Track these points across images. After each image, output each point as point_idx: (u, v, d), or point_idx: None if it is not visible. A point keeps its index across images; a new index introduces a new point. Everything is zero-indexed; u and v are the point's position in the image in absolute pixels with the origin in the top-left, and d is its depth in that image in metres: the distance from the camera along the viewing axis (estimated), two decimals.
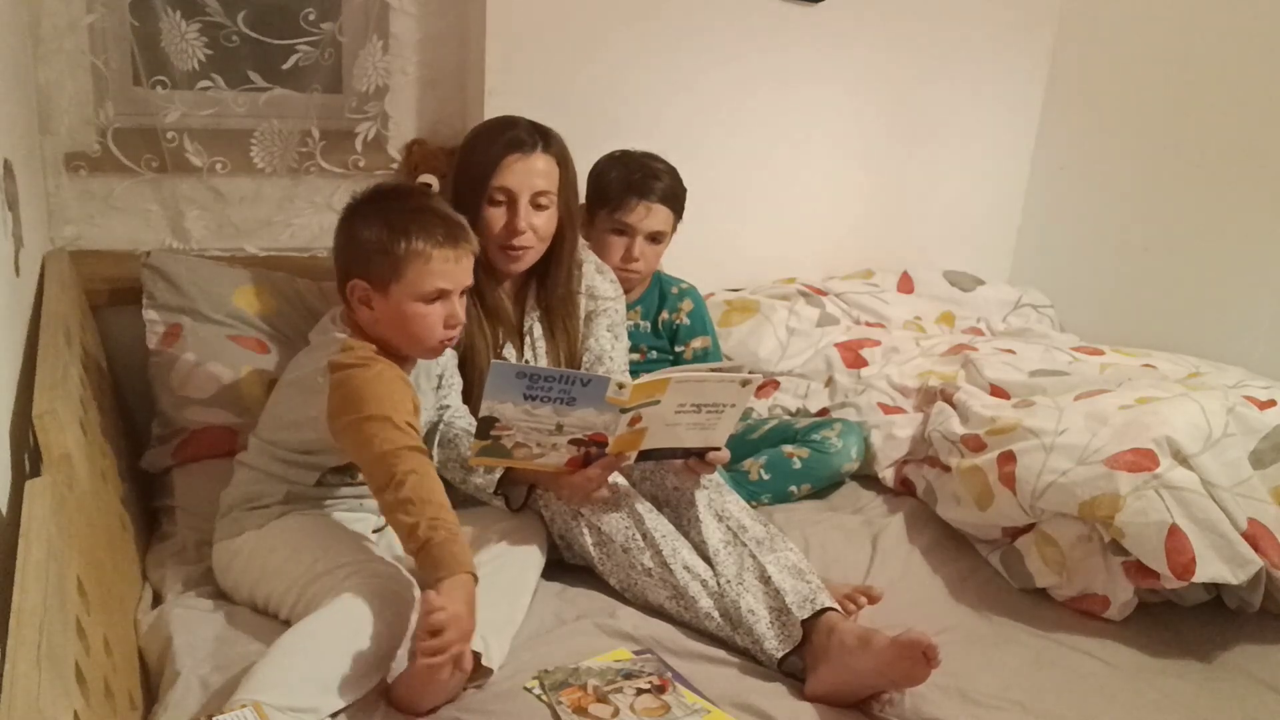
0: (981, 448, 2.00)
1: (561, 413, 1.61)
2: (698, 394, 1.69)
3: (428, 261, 1.62)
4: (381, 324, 1.67)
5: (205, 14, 2.21)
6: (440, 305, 1.65)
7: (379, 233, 1.63)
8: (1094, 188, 2.85)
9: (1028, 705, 1.56)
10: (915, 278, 2.81)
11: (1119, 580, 1.79)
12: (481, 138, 1.93)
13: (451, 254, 1.64)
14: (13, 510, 1.28)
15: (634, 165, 2.18)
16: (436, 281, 1.63)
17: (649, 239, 2.18)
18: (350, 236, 1.68)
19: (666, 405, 1.67)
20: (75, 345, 1.76)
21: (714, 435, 1.77)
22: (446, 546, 1.43)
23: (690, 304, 2.29)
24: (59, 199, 2.25)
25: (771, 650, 1.62)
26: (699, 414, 1.71)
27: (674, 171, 2.21)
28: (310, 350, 1.75)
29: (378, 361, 1.63)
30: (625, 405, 1.63)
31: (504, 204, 1.89)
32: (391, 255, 1.62)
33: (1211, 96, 2.55)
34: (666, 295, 2.29)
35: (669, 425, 1.71)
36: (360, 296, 1.66)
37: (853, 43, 2.67)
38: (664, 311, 2.28)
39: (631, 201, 2.14)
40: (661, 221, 2.17)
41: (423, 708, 1.44)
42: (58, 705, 0.97)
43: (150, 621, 1.61)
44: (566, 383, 1.59)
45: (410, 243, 1.62)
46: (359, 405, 1.56)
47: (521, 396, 1.58)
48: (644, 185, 2.15)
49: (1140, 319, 2.70)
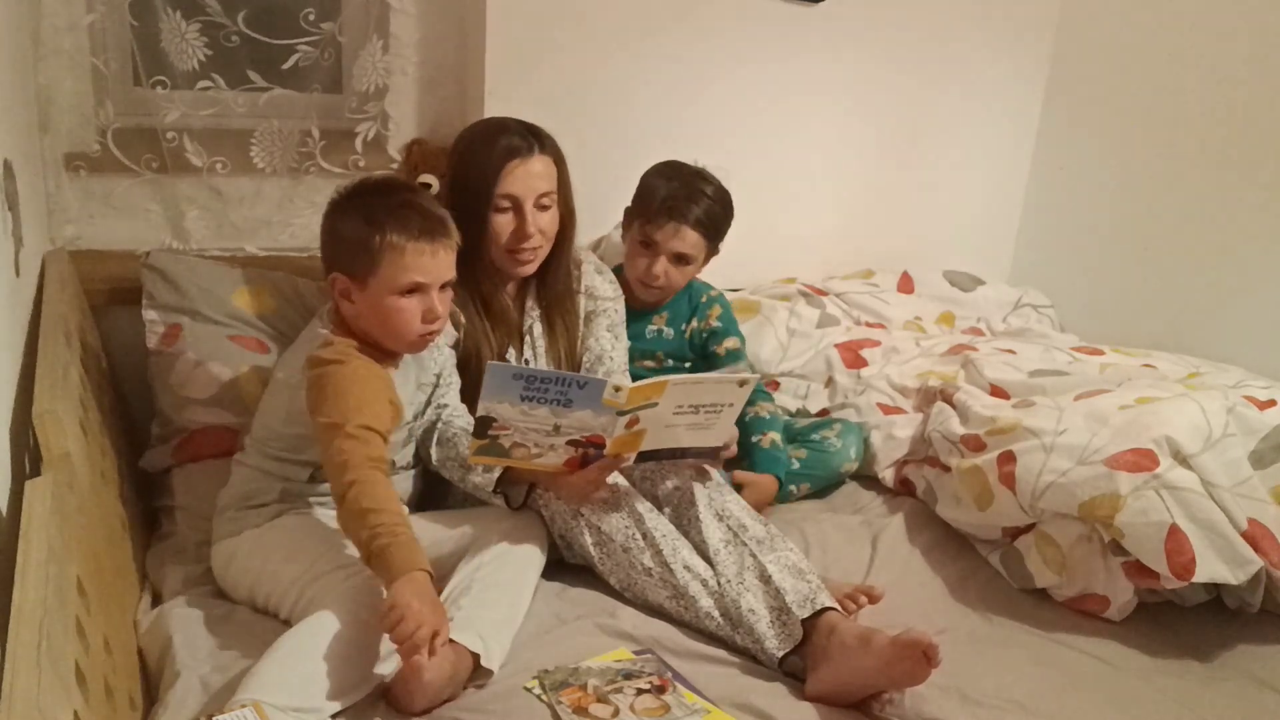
0: (981, 448, 2.00)
1: (559, 414, 1.61)
2: (696, 396, 1.69)
3: (402, 255, 1.62)
4: (362, 318, 1.68)
5: (205, 14, 2.20)
6: (418, 299, 1.65)
7: (357, 227, 1.63)
8: (1094, 188, 2.85)
9: (1028, 705, 1.56)
10: (915, 278, 2.81)
11: (1119, 580, 1.79)
12: (476, 145, 1.92)
13: (427, 247, 1.64)
14: (13, 510, 1.28)
15: (680, 183, 2.13)
16: (412, 275, 1.63)
17: (674, 259, 2.14)
18: (331, 230, 1.69)
19: (664, 408, 1.67)
20: (75, 345, 1.76)
21: (712, 435, 1.77)
22: (387, 554, 1.44)
23: (719, 309, 2.27)
24: (59, 199, 2.25)
25: (772, 650, 1.62)
26: (697, 415, 1.71)
27: (721, 196, 2.16)
28: (296, 346, 1.77)
29: (355, 359, 1.63)
30: (622, 408, 1.63)
31: (509, 210, 1.89)
32: (368, 249, 1.62)
33: (1211, 97, 2.55)
34: (697, 305, 2.26)
35: (668, 427, 1.71)
36: (341, 290, 1.67)
37: (853, 43, 2.66)
38: (694, 320, 2.25)
39: (662, 219, 2.11)
40: (691, 245, 2.13)
41: (417, 707, 1.44)
42: (58, 705, 0.97)
43: (150, 621, 1.62)
44: (563, 384, 1.59)
45: (386, 236, 1.61)
46: (322, 407, 1.58)
47: (518, 398, 1.58)
48: (680, 208, 2.11)
49: (1140, 319, 2.70)
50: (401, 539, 1.46)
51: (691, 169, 2.17)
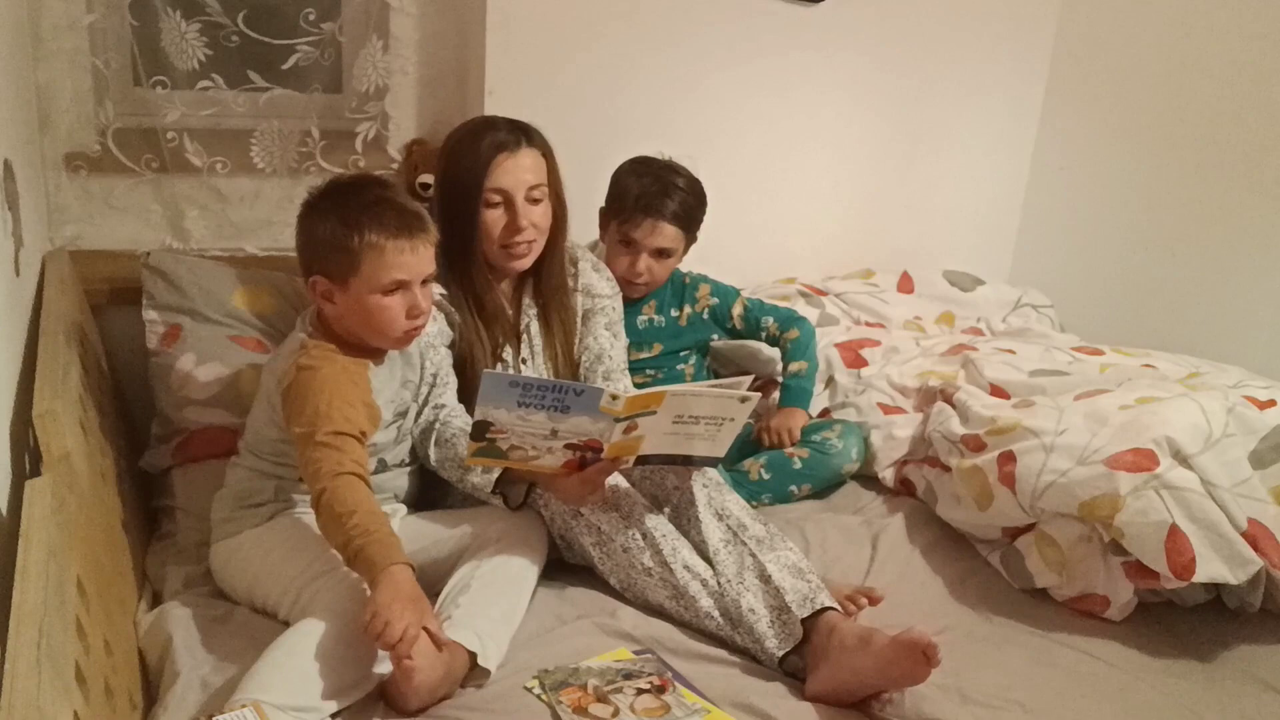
0: (981, 448, 2.00)
1: (556, 419, 1.60)
2: (695, 408, 1.68)
3: (382, 254, 1.61)
4: (346, 318, 1.67)
5: (205, 14, 2.21)
6: (401, 296, 1.65)
7: (334, 228, 1.62)
8: (1094, 188, 2.85)
9: (1028, 705, 1.56)
10: (915, 278, 2.81)
11: (1119, 580, 1.79)
12: (464, 144, 1.92)
13: (407, 244, 1.63)
14: (13, 510, 1.28)
15: (650, 179, 2.16)
16: (393, 273, 1.63)
17: (655, 254, 2.18)
18: (308, 233, 1.67)
19: (663, 417, 1.66)
20: (75, 345, 1.76)
21: (715, 446, 1.77)
22: (363, 554, 1.45)
23: (707, 286, 2.32)
24: (59, 199, 2.25)
25: (772, 649, 1.62)
26: (698, 425, 1.70)
27: (693, 186, 2.19)
28: (279, 352, 1.76)
29: (327, 364, 1.63)
30: (619, 415, 1.62)
31: (500, 205, 1.89)
32: (347, 250, 1.61)
33: (1211, 97, 2.55)
34: (681, 288, 2.31)
35: (666, 434, 1.70)
36: (322, 292, 1.66)
37: (853, 42, 2.66)
38: (685, 306, 2.29)
39: (639, 218, 2.14)
40: (669, 239, 2.17)
41: (411, 706, 1.44)
42: (58, 705, 0.97)
43: (150, 621, 1.62)
44: (559, 392, 1.58)
45: (364, 236, 1.60)
46: (295, 417, 1.58)
47: (515, 404, 1.58)
48: (655, 203, 2.14)
49: (1140, 319, 2.70)
50: (375, 537, 1.46)
51: (661, 163, 2.20)
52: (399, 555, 1.45)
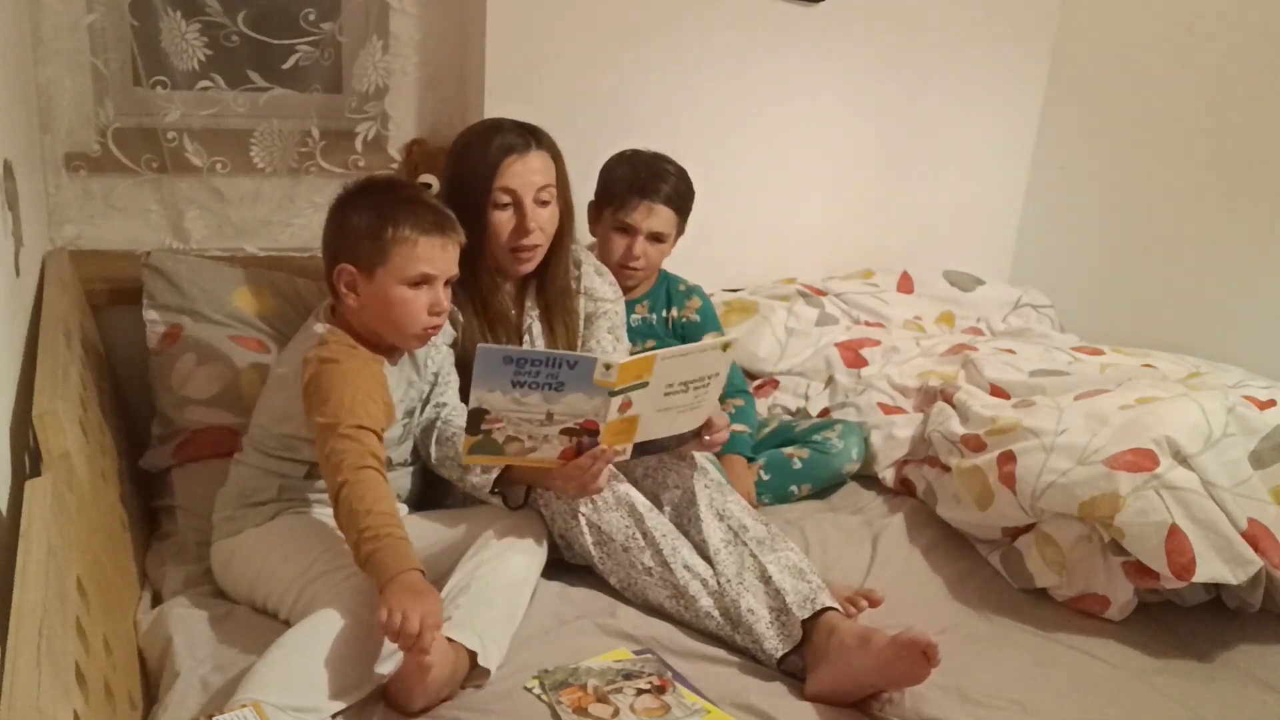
0: (981, 448, 2.00)
1: (551, 399, 1.60)
2: (684, 368, 1.68)
3: (414, 246, 1.64)
4: (366, 310, 1.68)
5: (205, 14, 2.21)
6: (425, 291, 1.67)
7: (368, 218, 1.66)
8: (1094, 188, 2.85)
9: (1028, 705, 1.56)
10: (915, 278, 2.81)
11: (1119, 580, 1.79)
12: (472, 145, 1.92)
13: (438, 241, 1.67)
14: (13, 510, 1.28)
15: (641, 166, 2.19)
16: (422, 266, 1.65)
17: (651, 239, 2.19)
18: (340, 223, 1.70)
19: (656, 385, 1.66)
20: (75, 345, 1.76)
21: (701, 413, 1.77)
22: (375, 558, 1.45)
23: (698, 301, 2.32)
24: (59, 199, 2.25)
25: (771, 649, 1.62)
26: (687, 392, 1.70)
27: (683, 174, 2.22)
28: (293, 343, 1.77)
29: (351, 357, 1.64)
30: (614, 387, 1.62)
31: (509, 206, 1.89)
32: (379, 240, 1.64)
33: (1211, 97, 2.55)
34: (674, 293, 2.31)
35: (660, 410, 1.70)
36: (347, 282, 1.68)
37: (853, 43, 2.66)
38: (672, 309, 2.30)
39: (634, 201, 2.16)
40: (664, 223, 2.18)
41: (415, 706, 1.44)
42: (58, 705, 0.97)
43: (150, 621, 1.62)
44: (553, 365, 1.58)
45: (398, 228, 1.64)
46: (318, 407, 1.59)
47: (509, 384, 1.57)
48: (648, 186, 2.16)
49: (1140, 319, 2.70)
50: (388, 542, 1.46)
51: (649, 152, 2.22)
52: (411, 561, 1.46)
